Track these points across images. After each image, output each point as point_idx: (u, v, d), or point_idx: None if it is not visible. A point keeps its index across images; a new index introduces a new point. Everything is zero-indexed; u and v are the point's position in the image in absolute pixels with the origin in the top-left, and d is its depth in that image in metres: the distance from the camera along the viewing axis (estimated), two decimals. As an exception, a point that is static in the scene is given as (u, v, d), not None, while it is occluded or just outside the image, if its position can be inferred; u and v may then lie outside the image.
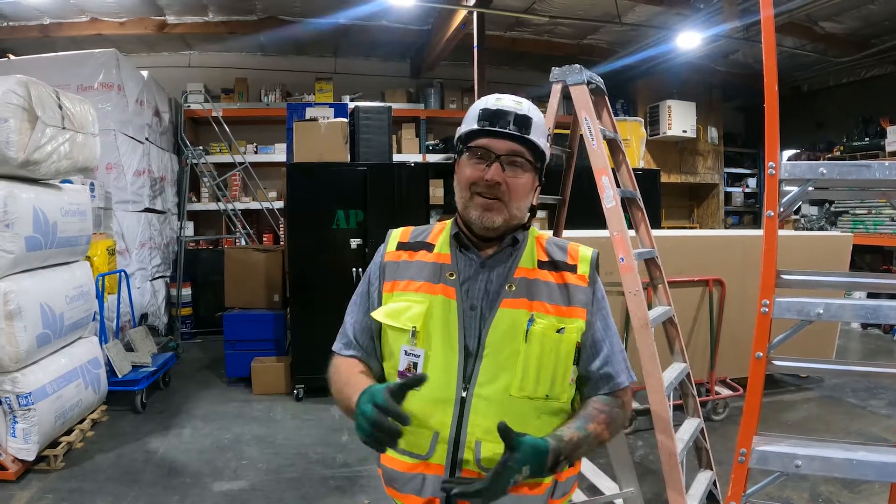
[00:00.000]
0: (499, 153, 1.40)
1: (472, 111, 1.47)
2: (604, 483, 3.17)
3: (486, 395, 1.37)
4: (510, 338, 1.39)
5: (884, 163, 1.82)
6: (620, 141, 3.25)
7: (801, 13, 7.27)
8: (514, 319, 1.40)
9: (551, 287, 1.46)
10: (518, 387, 1.38)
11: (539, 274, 1.47)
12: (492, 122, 1.41)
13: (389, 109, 6.18)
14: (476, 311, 1.42)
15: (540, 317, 1.41)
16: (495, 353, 1.39)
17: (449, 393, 1.38)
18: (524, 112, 1.43)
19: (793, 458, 1.80)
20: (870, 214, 8.53)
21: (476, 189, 1.42)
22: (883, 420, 4.93)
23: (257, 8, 8.09)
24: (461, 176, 1.45)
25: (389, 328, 1.46)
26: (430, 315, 1.42)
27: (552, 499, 1.43)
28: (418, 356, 1.40)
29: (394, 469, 1.44)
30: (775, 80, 1.81)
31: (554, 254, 1.52)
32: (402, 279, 1.49)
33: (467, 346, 1.40)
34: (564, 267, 1.50)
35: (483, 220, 1.41)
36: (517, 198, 1.42)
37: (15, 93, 3.80)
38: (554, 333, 1.40)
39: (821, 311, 1.80)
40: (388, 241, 1.58)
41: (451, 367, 1.39)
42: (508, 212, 1.42)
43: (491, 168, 1.40)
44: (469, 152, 1.44)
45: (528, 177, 1.44)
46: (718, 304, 4.96)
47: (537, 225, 5.39)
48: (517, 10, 7.94)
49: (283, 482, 3.95)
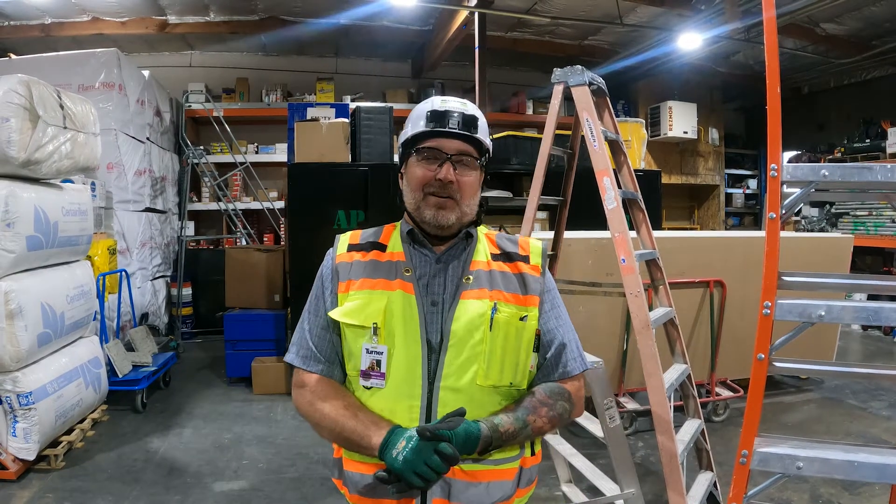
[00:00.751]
0: (449, 153, 1.43)
1: (418, 113, 1.48)
2: (604, 484, 3.16)
3: (453, 387, 1.38)
4: (474, 327, 1.40)
5: (886, 165, 1.82)
6: (622, 142, 3.25)
7: (802, 14, 7.27)
8: (476, 309, 1.42)
9: (508, 277, 1.49)
10: (484, 375, 1.39)
11: (494, 265, 1.50)
12: (440, 122, 1.43)
13: (391, 110, 6.18)
14: (438, 307, 1.43)
15: (503, 305, 1.43)
16: (459, 343, 1.39)
17: (415, 388, 1.38)
18: (471, 112, 1.45)
19: (794, 460, 1.80)
20: (870, 216, 8.53)
21: (429, 189, 1.44)
22: (883, 422, 4.93)
23: (258, 8, 8.10)
24: (412, 177, 1.46)
25: (348, 327, 1.45)
26: (390, 311, 1.42)
27: (519, 487, 1.45)
28: (381, 353, 1.39)
29: (360, 473, 1.41)
30: (777, 82, 1.81)
31: (505, 246, 1.55)
32: (356, 278, 1.48)
33: (429, 340, 1.40)
34: (518, 257, 1.53)
35: (438, 218, 1.43)
36: (467, 195, 1.45)
37: (16, 92, 3.80)
38: (517, 321, 1.43)
39: (822, 313, 1.80)
40: (337, 245, 1.58)
41: (415, 362, 1.39)
42: (460, 209, 1.45)
43: (443, 168, 1.42)
44: (418, 154, 1.46)
45: (476, 174, 1.48)
46: (719, 306, 4.95)
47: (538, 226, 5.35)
48: (518, 11, 7.94)
49: (283, 482, 3.95)
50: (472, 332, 1.40)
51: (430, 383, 1.38)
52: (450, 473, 1.35)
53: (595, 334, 4.61)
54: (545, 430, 1.45)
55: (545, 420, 1.43)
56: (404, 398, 1.38)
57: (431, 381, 1.38)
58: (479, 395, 1.40)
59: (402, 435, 1.30)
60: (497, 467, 1.41)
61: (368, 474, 1.39)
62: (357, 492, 1.42)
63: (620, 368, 4.75)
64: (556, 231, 3.79)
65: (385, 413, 1.39)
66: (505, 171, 6.01)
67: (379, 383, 1.40)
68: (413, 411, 1.38)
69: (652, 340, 2.70)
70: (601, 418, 2.68)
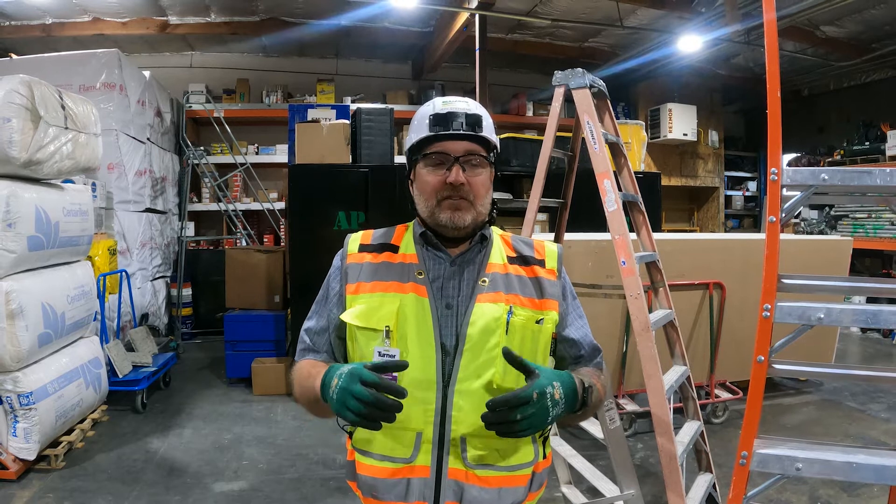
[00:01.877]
0: (457, 155, 1.41)
1: (421, 118, 1.46)
2: (604, 485, 3.17)
3: (468, 391, 1.36)
4: (490, 331, 1.39)
5: (885, 169, 1.83)
6: (622, 144, 3.26)
7: (802, 17, 7.28)
8: (492, 313, 1.40)
9: (524, 280, 1.48)
10: (501, 378, 1.38)
11: (510, 268, 1.49)
12: (444, 125, 1.41)
13: (391, 111, 6.19)
14: (452, 310, 1.41)
15: (519, 309, 1.43)
16: (475, 347, 1.38)
17: (429, 392, 1.36)
18: (474, 111, 1.43)
19: (793, 461, 1.81)
20: (870, 218, 8.54)
21: (442, 195, 1.42)
22: (882, 423, 4.94)
23: (259, 9, 8.10)
24: (423, 185, 1.45)
25: (359, 330, 1.42)
26: (403, 314, 1.40)
27: (530, 491, 1.44)
28: (393, 356, 1.35)
29: (374, 477, 1.40)
30: (778, 86, 1.82)
31: (521, 249, 1.54)
32: (367, 280, 1.46)
33: (444, 344, 1.39)
34: (533, 261, 1.52)
35: (454, 220, 1.41)
36: (480, 195, 1.44)
37: (18, 92, 3.81)
38: (534, 324, 1.43)
39: (822, 315, 1.81)
40: (347, 244, 1.55)
41: (429, 366, 1.37)
42: (475, 209, 1.43)
43: (452, 171, 1.40)
44: (425, 160, 1.44)
45: (487, 172, 1.46)
46: (719, 308, 4.96)
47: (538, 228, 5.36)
48: (519, 13, 7.95)
49: (283, 483, 3.96)
50: (489, 336, 1.38)
51: (445, 387, 1.37)
52: (463, 478, 1.36)
53: (595, 336, 4.54)
54: (601, 392, 1.47)
55: (600, 385, 1.46)
56: (418, 402, 1.35)
57: (446, 384, 1.37)
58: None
59: (334, 373, 1.25)
60: (511, 473, 1.40)
61: (380, 477, 1.39)
62: (370, 494, 1.41)
63: (620, 370, 4.76)
64: (556, 233, 3.79)
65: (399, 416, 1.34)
66: (505, 172, 6.02)
67: None
68: (428, 415, 1.36)
69: (651, 342, 2.71)
70: (601, 420, 2.69)
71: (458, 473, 1.36)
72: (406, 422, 1.35)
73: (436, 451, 1.36)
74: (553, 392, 1.25)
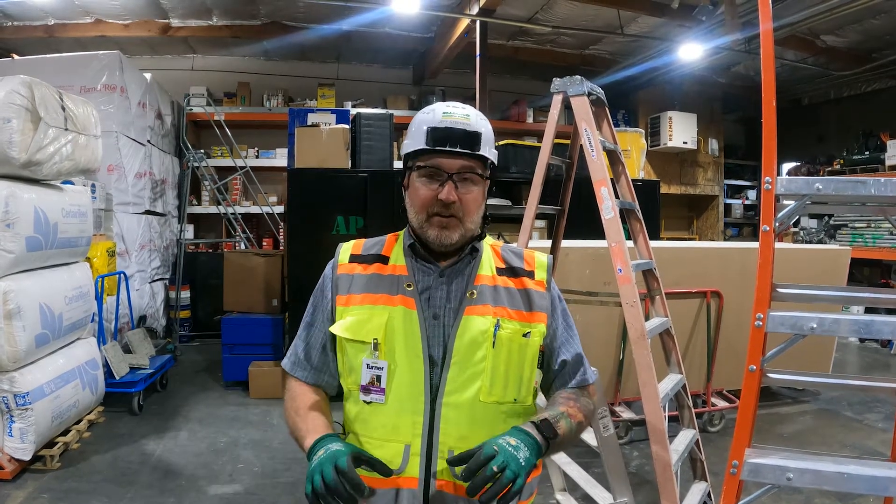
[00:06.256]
0: (450, 172, 1.39)
1: (419, 127, 1.42)
2: (598, 493, 3.17)
3: (456, 403, 1.37)
4: (477, 345, 1.39)
5: (879, 179, 1.83)
6: (620, 152, 3.27)
7: (802, 26, 7.31)
8: (479, 326, 1.40)
9: (512, 293, 1.48)
10: (487, 392, 1.38)
11: (499, 280, 1.48)
12: (440, 142, 1.38)
13: (391, 116, 6.21)
14: (439, 320, 1.41)
15: (506, 322, 1.42)
16: (462, 360, 1.38)
17: (417, 404, 1.37)
18: (473, 128, 1.40)
19: (784, 471, 1.81)
20: (869, 228, 8.56)
21: (432, 210, 1.40)
22: (879, 434, 4.93)
23: (261, 13, 8.13)
24: (415, 196, 1.43)
25: (348, 342, 1.43)
26: (391, 327, 1.40)
27: (521, 500, 1.43)
28: (381, 368, 1.37)
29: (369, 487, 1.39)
30: (773, 94, 1.83)
31: (511, 260, 1.54)
32: (357, 292, 1.46)
33: (432, 356, 1.39)
34: (523, 273, 1.52)
35: (441, 238, 1.40)
36: (471, 212, 1.42)
37: (18, 93, 3.82)
38: (520, 338, 1.43)
39: (814, 325, 1.81)
40: (339, 255, 1.55)
41: (417, 378, 1.38)
42: (464, 227, 1.41)
43: (444, 188, 1.38)
44: (419, 171, 1.42)
45: (480, 189, 1.44)
46: (716, 316, 4.96)
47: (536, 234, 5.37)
48: (520, 20, 7.98)
49: (278, 486, 3.95)
50: (475, 350, 1.39)
51: (433, 399, 1.37)
52: (451, 489, 1.35)
53: (591, 343, 4.61)
54: (581, 421, 1.45)
55: (576, 409, 1.44)
56: (407, 413, 1.37)
57: (434, 396, 1.38)
58: (482, 412, 1.39)
59: (324, 445, 1.28)
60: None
61: (372, 487, 1.38)
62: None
63: (616, 377, 4.76)
64: (553, 240, 3.80)
65: (388, 428, 1.38)
66: (504, 179, 6.03)
67: (379, 398, 1.39)
68: (416, 427, 1.37)
69: (647, 350, 2.71)
70: (595, 427, 2.69)
71: (446, 485, 1.36)
72: (395, 434, 1.37)
73: (424, 463, 1.36)
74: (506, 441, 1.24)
